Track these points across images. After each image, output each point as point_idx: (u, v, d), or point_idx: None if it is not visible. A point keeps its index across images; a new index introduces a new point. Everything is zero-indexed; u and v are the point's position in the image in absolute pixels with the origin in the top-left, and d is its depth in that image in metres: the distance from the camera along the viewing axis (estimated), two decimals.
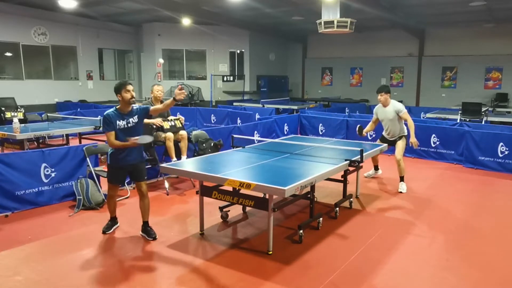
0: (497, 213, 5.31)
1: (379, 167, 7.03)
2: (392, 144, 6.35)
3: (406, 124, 6.32)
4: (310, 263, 3.84)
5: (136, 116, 4.30)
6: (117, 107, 4.26)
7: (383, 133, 6.51)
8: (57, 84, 15.63)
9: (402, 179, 6.26)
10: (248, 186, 3.74)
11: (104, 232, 4.45)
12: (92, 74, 16.85)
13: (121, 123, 4.19)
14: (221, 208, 4.93)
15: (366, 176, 6.95)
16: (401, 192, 6.14)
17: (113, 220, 4.59)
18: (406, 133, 6.33)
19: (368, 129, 6.59)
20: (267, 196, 4.09)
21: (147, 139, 4.26)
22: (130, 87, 4.20)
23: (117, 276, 3.58)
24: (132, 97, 4.20)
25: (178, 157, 6.08)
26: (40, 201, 5.28)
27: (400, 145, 6.23)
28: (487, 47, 15.99)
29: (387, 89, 6.31)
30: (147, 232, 4.37)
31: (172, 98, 4.35)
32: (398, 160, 6.15)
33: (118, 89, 4.19)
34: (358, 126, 6.44)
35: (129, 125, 4.23)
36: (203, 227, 4.53)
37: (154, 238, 4.30)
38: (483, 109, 11.10)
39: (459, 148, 8.07)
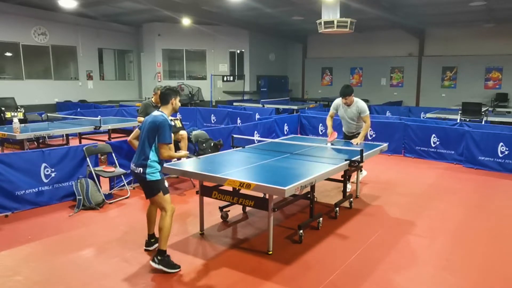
0: (497, 213, 5.31)
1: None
2: (350, 139, 6.14)
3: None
4: (310, 263, 3.84)
5: None
6: (163, 112, 3.82)
7: (343, 128, 6.35)
8: (57, 84, 15.63)
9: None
10: (248, 186, 3.74)
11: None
12: (92, 74, 16.84)
13: None
14: (221, 208, 4.93)
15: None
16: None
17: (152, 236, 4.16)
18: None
19: (330, 125, 6.18)
20: (267, 196, 4.09)
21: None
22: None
23: (117, 276, 3.58)
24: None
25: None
26: (40, 201, 5.28)
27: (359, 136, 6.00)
28: (487, 47, 15.99)
29: (349, 91, 5.91)
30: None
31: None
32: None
33: (170, 95, 3.87)
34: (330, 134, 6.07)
35: None
36: (203, 227, 4.53)
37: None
38: (483, 109, 11.10)
39: (459, 148, 8.07)
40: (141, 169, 3.67)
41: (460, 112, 11.00)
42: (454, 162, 8.12)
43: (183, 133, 6.27)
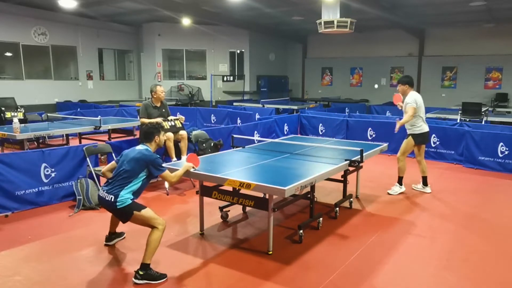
0: (497, 213, 5.31)
1: (427, 182, 6.22)
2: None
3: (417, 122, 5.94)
4: (310, 263, 3.84)
5: None
6: (149, 147, 3.88)
7: None
8: (57, 84, 15.63)
9: (398, 180, 6.09)
10: (248, 186, 3.74)
11: None
12: (92, 74, 16.84)
13: None
14: (221, 208, 4.93)
15: (414, 187, 6.31)
16: (389, 193, 6.02)
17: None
18: (415, 132, 5.95)
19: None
20: (267, 196, 4.09)
21: None
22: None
23: (117, 276, 3.58)
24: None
25: (178, 157, 6.08)
26: (40, 201, 5.28)
27: (404, 144, 6.04)
28: (487, 47, 15.99)
29: (404, 80, 5.91)
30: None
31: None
32: (397, 158, 6.08)
33: (153, 134, 3.91)
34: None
35: None
36: (203, 227, 4.53)
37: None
38: (483, 109, 11.10)
39: (459, 148, 8.06)
40: (113, 197, 3.56)
41: (460, 112, 11.00)
42: (454, 162, 8.12)
43: (183, 133, 6.28)
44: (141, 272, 3.46)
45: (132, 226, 4.65)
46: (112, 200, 3.56)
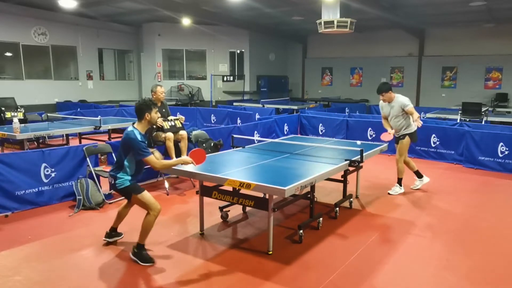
0: (497, 213, 5.31)
1: (421, 173, 6.34)
2: (396, 141, 6.11)
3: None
4: (310, 263, 3.84)
5: None
6: (136, 128, 4.00)
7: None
8: (57, 84, 15.63)
9: (398, 181, 6.09)
10: (248, 186, 3.74)
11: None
12: (92, 74, 16.84)
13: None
14: (221, 208, 4.93)
15: (413, 188, 6.32)
16: (389, 193, 6.03)
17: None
18: (412, 131, 5.98)
19: (387, 127, 6.15)
20: (267, 196, 4.09)
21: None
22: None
23: (117, 276, 3.58)
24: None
25: (178, 157, 6.07)
26: (40, 201, 5.28)
27: (402, 144, 6.02)
28: (487, 47, 15.99)
29: (386, 88, 5.99)
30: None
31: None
32: (396, 160, 6.09)
33: (143, 110, 4.04)
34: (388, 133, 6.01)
35: None
36: (203, 227, 4.53)
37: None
38: (483, 109, 11.10)
39: (459, 148, 8.07)
40: (112, 179, 3.86)
41: (460, 112, 11.00)
42: (454, 162, 8.12)
43: (183, 133, 6.28)
44: (136, 250, 3.83)
45: (132, 226, 4.66)
46: (113, 182, 3.86)
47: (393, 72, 18.49)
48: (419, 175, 6.32)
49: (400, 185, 6.12)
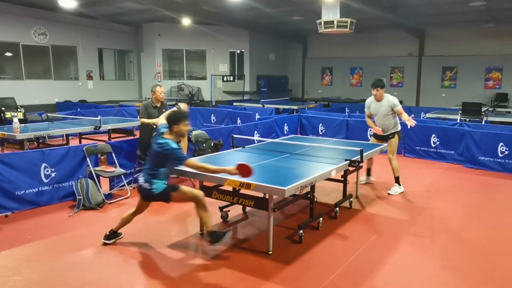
0: (497, 213, 5.31)
1: (371, 173, 6.68)
2: (384, 140, 6.16)
3: (400, 120, 6.12)
4: (310, 263, 3.84)
5: None
6: (168, 138, 3.88)
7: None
8: (57, 84, 15.63)
9: (396, 180, 6.12)
10: (248, 186, 3.74)
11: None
12: (92, 74, 16.84)
13: None
14: (221, 208, 4.93)
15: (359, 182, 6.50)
16: (389, 193, 6.04)
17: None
18: (398, 129, 6.15)
19: (373, 125, 6.28)
20: (267, 196, 4.09)
21: None
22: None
23: (117, 276, 3.59)
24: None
25: None
26: (40, 201, 5.28)
27: (393, 143, 6.08)
28: (487, 47, 15.99)
29: (382, 84, 6.10)
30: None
31: None
32: (390, 159, 6.08)
33: (173, 122, 3.88)
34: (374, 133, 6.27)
35: None
36: (203, 227, 4.52)
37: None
38: (483, 109, 11.10)
39: (459, 148, 8.07)
40: (148, 184, 3.91)
41: (460, 112, 11.00)
42: (454, 162, 8.12)
43: None
44: (210, 239, 3.94)
45: (133, 224, 4.66)
46: (148, 187, 3.90)
47: (393, 72, 18.49)
48: (368, 173, 6.67)
49: (399, 184, 6.13)
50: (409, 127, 5.93)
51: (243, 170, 3.74)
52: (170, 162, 3.88)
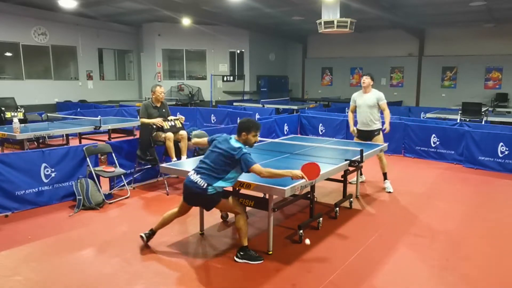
0: (497, 213, 5.31)
1: (362, 173, 6.64)
2: (367, 139, 6.19)
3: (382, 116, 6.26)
4: (310, 263, 3.84)
5: None
6: (239, 141, 3.87)
7: (358, 125, 6.33)
8: (57, 84, 15.63)
9: (385, 176, 6.25)
10: (248, 186, 3.74)
11: None
12: (92, 74, 16.85)
13: None
14: None
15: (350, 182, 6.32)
16: (389, 192, 6.10)
17: None
18: (381, 126, 6.24)
19: (351, 122, 6.47)
20: (267, 196, 4.09)
21: None
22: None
23: (117, 276, 3.58)
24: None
25: (178, 157, 6.08)
26: (40, 201, 5.28)
27: (379, 140, 6.18)
28: (487, 47, 15.99)
29: (372, 75, 6.25)
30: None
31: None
32: (379, 156, 6.15)
33: (241, 130, 3.87)
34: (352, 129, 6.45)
35: None
36: (203, 227, 4.53)
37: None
38: (483, 109, 11.10)
39: (459, 148, 8.06)
40: (206, 184, 3.69)
41: (460, 112, 11.00)
42: (454, 162, 8.12)
43: (183, 133, 6.27)
44: (241, 253, 3.85)
45: (133, 224, 4.65)
46: (204, 186, 3.69)
47: (393, 72, 18.50)
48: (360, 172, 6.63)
49: (386, 178, 6.29)
50: (385, 132, 6.15)
51: (309, 171, 3.68)
52: (239, 166, 3.70)
